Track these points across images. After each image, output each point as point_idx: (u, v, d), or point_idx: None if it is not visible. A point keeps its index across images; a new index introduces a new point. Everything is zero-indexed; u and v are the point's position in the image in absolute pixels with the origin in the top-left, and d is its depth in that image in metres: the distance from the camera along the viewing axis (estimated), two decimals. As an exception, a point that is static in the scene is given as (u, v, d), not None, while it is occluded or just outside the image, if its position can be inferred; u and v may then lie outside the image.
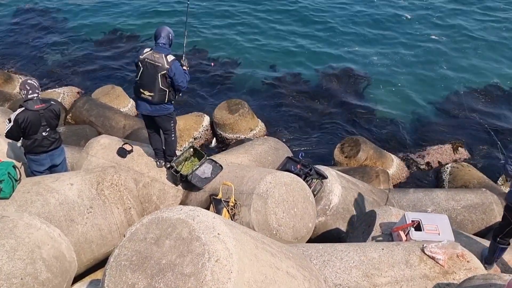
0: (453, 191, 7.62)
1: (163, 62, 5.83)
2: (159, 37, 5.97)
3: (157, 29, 6.07)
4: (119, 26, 16.33)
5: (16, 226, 4.39)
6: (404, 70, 13.35)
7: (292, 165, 6.71)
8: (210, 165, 6.61)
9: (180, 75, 5.90)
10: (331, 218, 6.56)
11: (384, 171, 8.71)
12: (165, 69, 5.82)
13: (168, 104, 6.11)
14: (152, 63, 5.83)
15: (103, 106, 10.66)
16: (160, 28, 6.06)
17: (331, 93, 12.46)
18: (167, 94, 5.97)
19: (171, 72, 5.83)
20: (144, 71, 5.88)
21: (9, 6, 17.90)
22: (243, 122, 10.39)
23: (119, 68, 13.89)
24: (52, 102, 6.21)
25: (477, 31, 15.12)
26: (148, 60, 5.86)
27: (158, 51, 5.89)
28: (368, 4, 17.06)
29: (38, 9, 17.61)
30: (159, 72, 5.82)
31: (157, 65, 5.82)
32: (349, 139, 9.60)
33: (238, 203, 5.79)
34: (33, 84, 5.95)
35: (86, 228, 5.50)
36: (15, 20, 16.83)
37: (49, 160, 6.27)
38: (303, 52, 14.40)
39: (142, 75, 5.91)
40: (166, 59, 5.85)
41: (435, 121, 11.53)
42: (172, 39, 6.07)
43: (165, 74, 5.84)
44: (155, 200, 6.51)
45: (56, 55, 14.64)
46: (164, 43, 5.95)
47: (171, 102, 6.14)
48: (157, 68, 5.82)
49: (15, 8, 17.70)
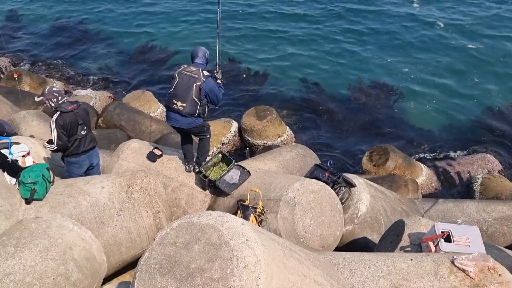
0: (484, 202, 7.46)
1: (199, 75, 6.00)
2: (196, 57, 6.21)
3: (194, 49, 6.30)
4: (150, 35, 16.63)
5: (50, 227, 4.51)
6: (435, 79, 13.16)
7: (320, 172, 6.68)
8: (238, 171, 6.64)
9: (213, 90, 6.06)
10: (359, 227, 6.50)
11: (413, 180, 8.60)
12: (201, 81, 5.96)
13: (198, 117, 6.21)
14: (189, 74, 6.01)
15: (133, 110, 10.84)
16: (196, 49, 6.29)
17: (360, 102, 12.39)
18: (198, 107, 6.07)
19: (206, 87, 5.99)
20: (180, 82, 6.03)
21: (46, 17, 18.40)
22: (271, 129, 10.41)
23: (150, 74, 14.14)
24: (80, 102, 6.37)
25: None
26: (185, 71, 6.03)
27: (196, 66, 6.07)
28: (400, 13, 16.85)
29: (73, 20, 18.05)
30: (195, 83, 5.95)
31: (194, 76, 5.99)
32: (378, 148, 9.51)
33: (266, 209, 5.80)
34: (58, 90, 6.15)
35: (116, 230, 5.59)
36: (50, 29, 17.31)
37: (87, 161, 6.44)
38: (332, 62, 14.36)
39: (177, 86, 6.05)
40: (203, 73, 6.04)
41: (466, 131, 11.33)
42: (208, 58, 6.32)
43: (200, 85, 5.96)
44: (183, 205, 6.57)
45: (89, 61, 15.01)
46: (201, 62, 6.17)
47: (201, 117, 6.24)
48: (194, 78, 5.98)
49: (52, 18, 18.20)
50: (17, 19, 18.42)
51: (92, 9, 18.87)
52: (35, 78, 12.72)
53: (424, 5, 17.26)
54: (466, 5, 17.00)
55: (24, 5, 19.58)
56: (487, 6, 16.74)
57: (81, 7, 19.03)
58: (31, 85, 12.39)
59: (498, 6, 16.88)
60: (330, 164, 6.85)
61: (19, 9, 19.32)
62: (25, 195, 5.42)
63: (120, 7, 18.90)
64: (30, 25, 17.75)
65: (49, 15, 18.49)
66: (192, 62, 6.22)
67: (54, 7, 19.12)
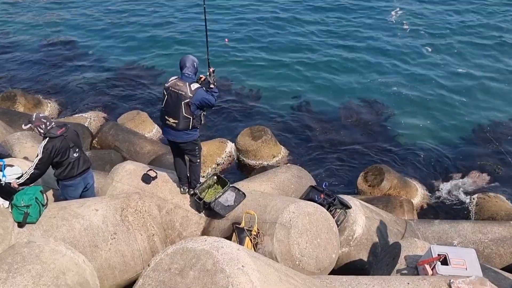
0: (480, 223, 7.45)
1: (186, 91, 5.90)
2: (184, 67, 6.05)
3: (182, 58, 6.15)
4: (143, 54, 16.69)
5: (42, 252, 4.45)
6: (428, 100, 13.25)
7: (316, 194, 6.67)
8: (233, 193, 6.61)
9: (204, 100, 5.97)
10: (355, 249, 6.46)
11: (408, 200, 8.60)
12: (188, 98, 5.89)
13: (193, 130, 6.18)
14: (176, 92, 5.92)
15: (128, 131, 10.83)
16: (184, 58, 6.14)
17: (354, 121, 12.44)
18: (191, 121, 6.04)
19: (195, 100, 5.91)
20: (168, 99, 5.99)
21: (35, 37, 18.47)
22: (266, 149, 10.42)
23: (145, 94, 14.14)
24: (68, 125, 6.30)
25: (496, 65, 14.98)
26: (172, 88, 5.96)
27: (183, 80, 5.99)
28: (391, 35, 17.06)
29: (63, 40, 18.13)
30: (183, 100, 5.89)
31: (181, 93, 5.90)
32: (373, 168, 9.52)
33: (261, 232, 5.76)
34: (45, 116, 6.06)
35: (110, 254, 5.53)
36: (41, 50, 17.35)
37: (82, 183, 6.38)
38: (326, 81, 14.45)
39: (167, 103, 6.01)
40: (190, 87, 5.93)
41: (460, 151, 11.36)
42: (197, 67, 6.15)
43: (188, 102, 5.91)
44: (178, 227, 6.52)
45: (83, 81, 15.00)
46: (189, 73, 6.04)
47: (196, 128, 6.22)
48: (180, 96, 5.90)
49: (40, 39, 18.25)
50: (5, 39, 18.46)
51: (84, 28, 18.95)
52: (30, 99, 12.70)
53: (414, 26, 17.51)
54: (456, 29, 17.25)
55: (12, 25, 19.64)
56: (479, 32, 17.00)
57: (72, 27, 19.10)
58: (26, 105, 12.37)
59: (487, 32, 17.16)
60: (325, 186, 6.85)
61: (7, 29, 19.39)
62: (18, 219, 5.37)
63: (112, 28, 18.99)
64: (20, 46, 17.78)
65: (40, 35, 18.54)
66: (181, 72, 6.07)
67: (44, 28, 19.20)
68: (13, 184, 5.82)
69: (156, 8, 20.51)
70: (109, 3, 21.28)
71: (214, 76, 6.28)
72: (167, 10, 20.25)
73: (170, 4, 20.82)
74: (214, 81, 6.26)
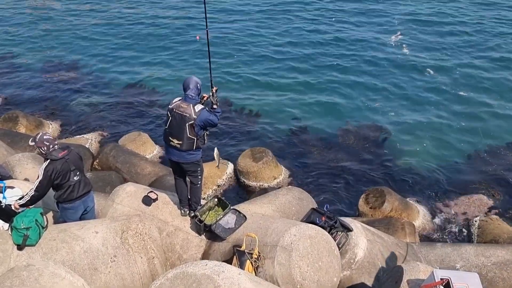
0: (482, 246, 7.39)
1: (190, 112, 5.97)
2: (188, 88, 6.11)
3: (185, 80, 6.21)
4: (144, 76, 16.80)
5: (42, 275, 4.42)
6: (429, 123, 13.26)
7: (317, 217, 6.63)
8: (234, 215, 6.59)
9: (208, 121, 6.04)
10: (356, 272, 6.41)
11: (410, 223, 8.55)
12: (192, 119, 5.95)
13: (197, 150, 6.22)
14: (180, 114, 5.98)
15: (129, 152, 10.83)
16: (188, 79, 6.20)
17: (354, 144, 12.44)
18: (195, 142, 6.09)
19: (199, 121, 5.97)
20: (173, 121, 6.04)
21: (36, 58, 18.64)
22: (267, 170, 10.41)
23: (146, 115, 14.19)
24: (71, 147, 6.28)
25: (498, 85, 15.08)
26: (176, 110, 6.01)
27: (187, 102, 6.04)
28: (391, 58, 17.18)
29: (64, 61, 18.28)
30: (187, 122, 5.95)
31: (185, 115, 5.96)
32: (374, 190, 9.48)
33: (262, 255, 5.72)
34: (49, 138, 6.01)
35: (109, 277, 5.49)
36: (43, 72, 17.47)
37: (82, 206, 6.34)
38: (326, 103, 14.50)
39: (171, 124, 6.07)
40: (194, 109, 6.00)
41: (462, 173, 11.33)
42: (200, 89, 6.21)
43: (193, 123, 5.97)
44: (179, 250, 6.48)
45: (84, 103, 15.06)
46: (193, 94, 6.09)
47: (199, 148, 6.24)
48: (184, 118, 5.96)
49: (42, 61, 18.41)
50: (7, 60, 18.62)
51: (85, 50, 19.11)
52: (31, 120, 12.74)
53: (414, 50, 17.65)
54: (457, 52, 17.38)
55: (14, 47, 19.83)
56: (478, 55, 17.15)
57: (73, 49, 19.27)
58: (28, 127, 12.40)
59: (487, 54, 17.28)
60: (326, 208, 6.82)
61: (9, 50, 19.57)
62: (17, 241, 5.35)
63: (113, 49, 19.15)
64: (22, 67, 17.91)
65: (41, 57, 18.71)
66: (184, 94, 6.13)
67: (45, 49, 19.38)
68: (14, 205, 5.81)
69: (157, 30, 20.72)
70: (109, 26, 21.49)
71: (216, 96, 6.34)
72: (169, 32, 20.43)
73: (172, 27, 21.03)
74: (217, 101, 6.33)
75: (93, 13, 22.53)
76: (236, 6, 22.92)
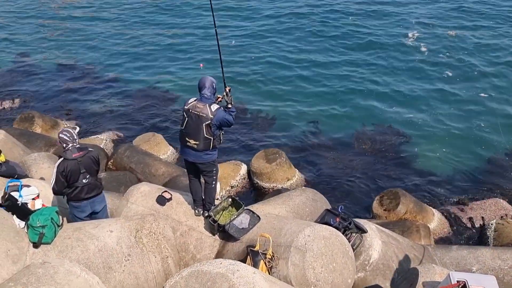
0: (499, 249, 7.29)
1: (207, 112, 5.99)
2: (203, 88, 6.13)
3: (200, 80, 6.23)
4: (159, 76, 16.87)
5: (57, 273, 4.45)
6: (446, 125, 13.10)
7: (331, 218, 6.60)
8: (247, 216, 6.58)
9: (224, 120, 6.07)
10: (371, 274, 6.36)
11: (424, 225, 8.47)
12: (209, 119, 5.97)
13: (213, 150, 6.24)
14: (197, 114, 6.00)
15: (143, 153, 10.88)
16: (203, 79, 6.22)
17: (369, 146, 12.34)
18: (212, 142, 6.12)
19: (216, 121, 6.00)
20: (189, 121, 6.05)
21: (52, 59, 18.83)
22: (280, 172, 10.37)
23: (160, 116, 14.25)
24: (90, 149, 6.27)
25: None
26: (192, 111, 6.03)
27: (202, 102, 6.06)
28: (408, 59, 16.98)
29: (80, 62, 18.44)
30: (204, 122, 5.97)
31: (202, 115, 5.98)
32: (388, 192, 9.40)
33: (276, 255, 5.71)
34: (70, 135, 6.04)
35: (123, 276, 5.51)
36: (58, 72, 17.65)
37: (89, 207, 6.37)
38: (342, 106, 14.39)
39: (188, 125, 6.08)
40: (210, 109, 6.02)
41: (478, 175, 11.20)
42: (215, 88, 6.24)
43: (209, 124, 5.98)
44: (192, 250, 6.49)
45: (99, 103, 15.18)
46: (208, 94, 6.11)
47: (216, 148, 6.26)
48: (201, 118, 5.98)
49: (57, 61, 18.59)
50: (24, 61, 18.83)
51: (101, 51, 19.25)
52: (47, 120, 12.86)
53: (432, 49, 17.41)
54: (477, 52, 17.08)
55: (30, 47, 20.05)
56: (496, 55, 16.82)
57: (89, 50, 19.43)
58: (43, 127, 12.51)
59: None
60: (341, 209, 6.78)
61: (25, 51, 19.79)
62: (33, 239, 5.39)
63: (128, 50, 19.25)
64: (38, 68, 18.10)
65: (57, 58, 18.91)
66: (199, 94, 6.16)
67: (61, 50, 19.56)
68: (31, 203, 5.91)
69: (174, 31, 20.78)
70: (125, 27, 21.64)
71: (230, 96, 6.35)
72: (185, 33, 20.48)
73: (188, 26, 21.07)
74: (231, 100, 6.33)
75: (109, 19, 22.70)
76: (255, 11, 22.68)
